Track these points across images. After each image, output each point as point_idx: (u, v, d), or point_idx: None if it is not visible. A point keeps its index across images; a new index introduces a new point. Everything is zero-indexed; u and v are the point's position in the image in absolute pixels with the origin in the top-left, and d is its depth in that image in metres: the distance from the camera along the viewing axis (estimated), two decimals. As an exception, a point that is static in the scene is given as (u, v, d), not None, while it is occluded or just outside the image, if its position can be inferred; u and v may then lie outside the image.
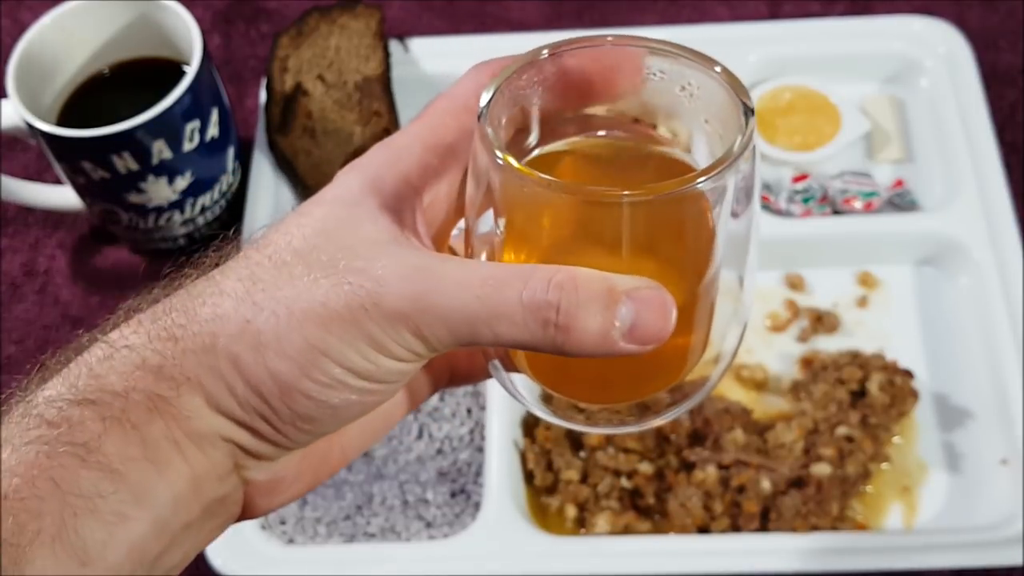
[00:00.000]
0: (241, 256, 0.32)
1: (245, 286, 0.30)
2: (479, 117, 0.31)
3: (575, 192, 0.30)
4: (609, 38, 0.33)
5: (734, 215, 0.32)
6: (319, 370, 0.30)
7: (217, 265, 0.32)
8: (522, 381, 0.36)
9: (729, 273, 0.34)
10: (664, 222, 0.31)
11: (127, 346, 0.30)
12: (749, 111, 0.32)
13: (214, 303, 0.31)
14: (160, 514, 0.30)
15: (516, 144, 0.34)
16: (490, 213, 0.32)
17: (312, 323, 0.30)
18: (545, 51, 0.32)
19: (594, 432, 0.61)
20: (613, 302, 0.29)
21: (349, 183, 0.33)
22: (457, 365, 0.38)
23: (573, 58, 0.33)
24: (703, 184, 0.30)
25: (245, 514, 0.34)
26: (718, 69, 0.32)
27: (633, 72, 0.33)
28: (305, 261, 0.30)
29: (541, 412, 0.36)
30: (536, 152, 0.34)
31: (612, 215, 0.30)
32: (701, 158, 0.34)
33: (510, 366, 0.36)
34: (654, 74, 0.33)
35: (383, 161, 0.33)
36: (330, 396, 0.30)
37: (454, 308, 0.30)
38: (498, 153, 0.30)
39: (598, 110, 0.34)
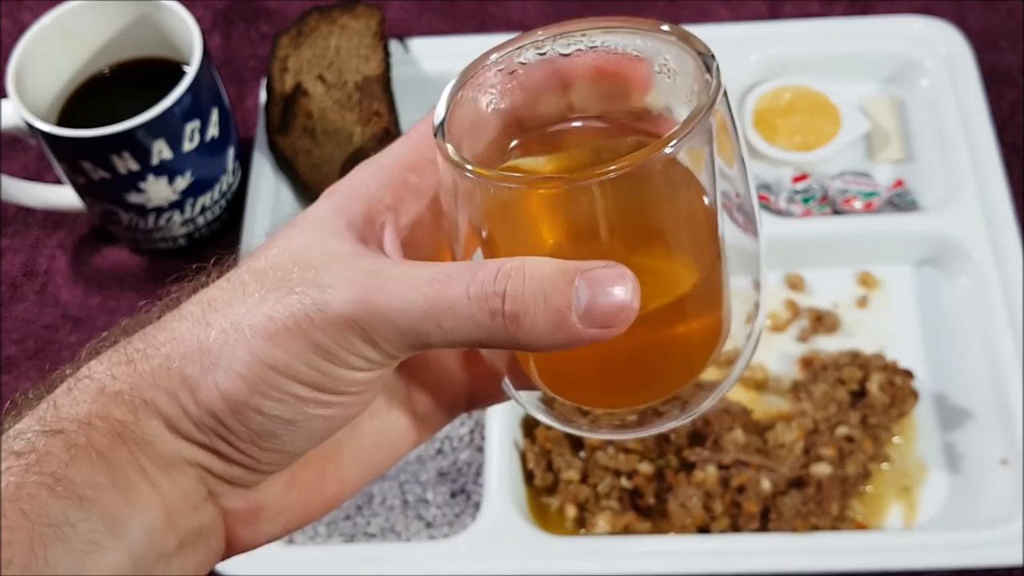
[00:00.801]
0: (209, 282, 0.32)
1: (202, 308, 0.30)
2: (435, 133, 0.30)
3: (537, 183, 0.28)
4: (539, 33, 0.32)
5: (730, 214, 0.31)
6: (268, 384, 0.29)
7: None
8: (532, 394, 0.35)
9: (739, 270, 0.33)
10: (648, 201, 0.29)
11: (88, 376, 0.30)
12: (709, 57, 0.30)
13: (172, 327, 0.30)
14: (134, 545, 0.29)
15: (493, 153, 0.33)
16: (466, 228, 0.31)
17: (259, 337, 0.29)
18: (494, 55, 0.32)
19: (600, 437, 0.60)
20: (565, 285, 0.28)
21: (323, 204, 0.32)
22: (475, 389, 0.37)
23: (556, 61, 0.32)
24: (676, 145, 0.27)
25: (231, 548, 0.33)
26: (666, 28, 0.31)
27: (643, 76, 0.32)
28: (260, 279, 0.30)
29: (553, 422, 0.35)
30: (512, 160, 0.33)
31: (586, 200, 0.28)
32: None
33: (521, 383, 0.34)
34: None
35: (358, 182, 0.33)
36: (284, 411, 0.30)
37: (401, 308, 0.29)
38: (455, 157, 0.29)
39: (578, 102, 0.33)
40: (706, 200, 0.30)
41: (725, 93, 0.29)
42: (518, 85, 0.32)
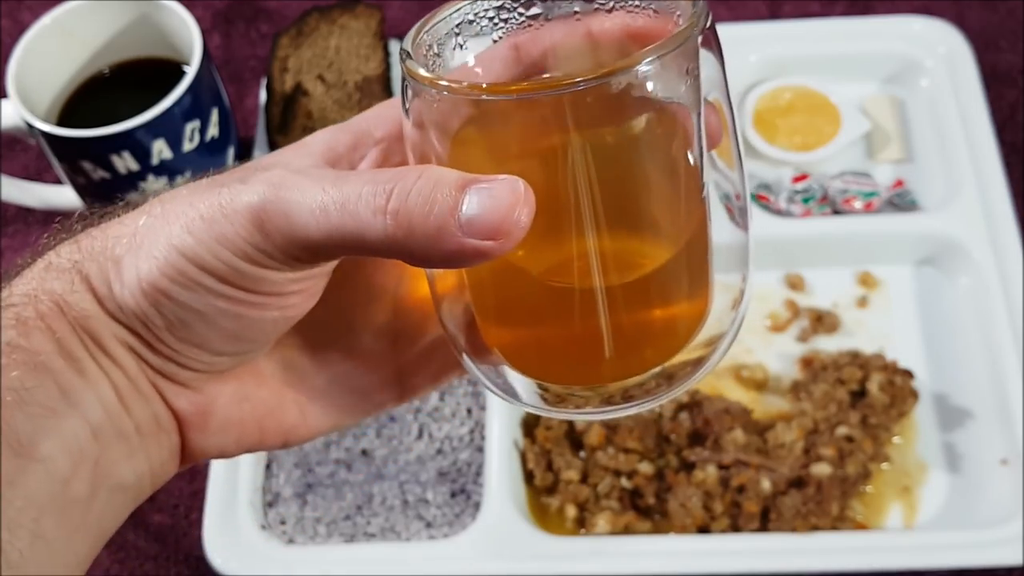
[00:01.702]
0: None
1: (153, 200, 0.31)
2: (400, 56, 0.30)
3: (494, 91, 0.26)
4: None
5: (728, 211, 0.30)
6: (175, 269, 0.29)
7: None
8: (515, 378, 0.34)
9: (723, 255, 0.31)
10: (623, 137, 0.27)
11: (40, 256, 0.31)
12: None
13: (124, 215, 0.31)
14: (90, 415, 0.30)
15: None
16: (426, 149, 0.30)
17: (177, 224, 0.29)
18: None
19: (566, 417, 0.55)
20: (456, 191, 0.27)
21: (319, 131, 0.34)
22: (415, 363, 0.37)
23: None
24: (651, 64, 0.25)
25: (186, 453, 0.33)
26: None
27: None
28: (212, 178, 0.31)
29: (532, 407, 0.34)
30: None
31: (553, 120, 0.26)
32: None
33: (480, 354, 0.33)
34: None
35: (361, 117, 0.34)
36: (191, 299, 0.30)
37: (297, 200, 0.28)
38: (411, 67, 0.28)
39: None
40: (690, 155, 0.29)
41: (723, 64, 0.28)
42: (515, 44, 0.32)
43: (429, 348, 0.37)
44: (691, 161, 0.29)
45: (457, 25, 0.31)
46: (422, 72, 0.28)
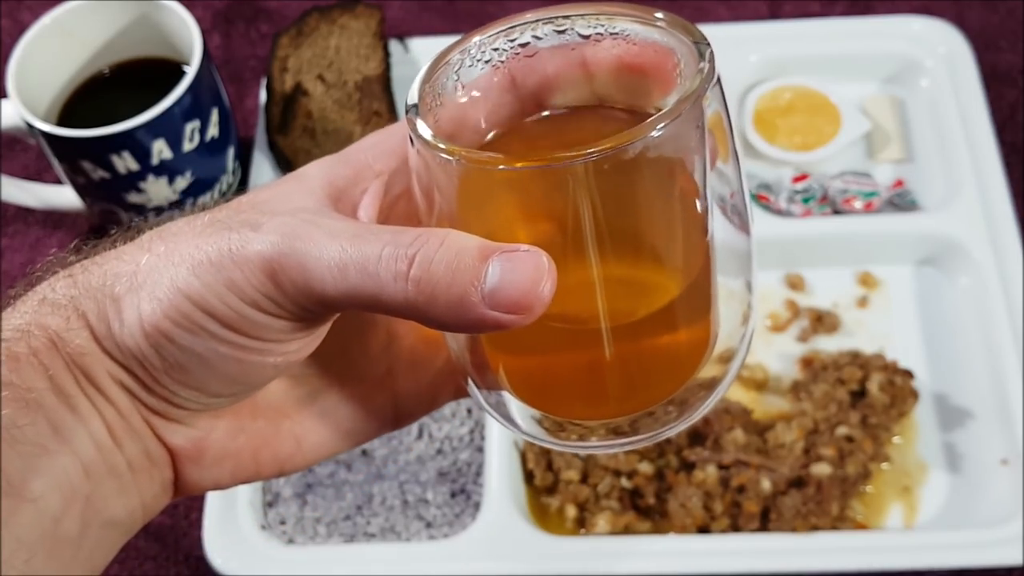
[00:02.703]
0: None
1: (152, 235, 0.31)
2: (407, 111, 0.29)
3: (505, 162, 0.26)
4: (528, 15, 0.30)
5: (723, 213, 0.30)
6: (179, 312, 0.29)
7: None
8: (514, 404, 0.33)
9: (729, 270, 0.31)
10: (633, 193, 0.28)
11: (33, 288, 0.31)
12: (703, 44, 0.28)
13: (121, 249, 0.31)
14: (82, 453, 0.29)
15: (468, 136, 0.32)
16: (436, 210, 0.30)
17: (183, 266, 0.29)
18: (478, 36, 0.31)
19: (584, 451, 0.54)
20: (479, 261, 0.26)
21: (314, 163, 0.33)
22: (460, 387, 0.36)
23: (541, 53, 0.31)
24: (663, 129, 0.26)
25: (180, 486, 0.33)
26: (659, 15, 0.29)
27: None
28: (213, 216, 0.30)
29: (529, 434, 0.33)
30: (490, 136, 0.32)
31: (562, 186, 0.26)
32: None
33: (487, 382, 0.33)
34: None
35: (358, 147, 0.33)
36: (195, 344, 0.29)
37: (315, 255, 0.28)
38: (420, 129, 0.28)
39: (558, 95, 0.32)
40: (697, 201, 0.29)
41: (720, 83, 0.28)
42: (511, 71, 0.31)
43: (425, 374, 0.37)
44: (697, 206, 0.29)
45: (456, 71, 0.31)
46: (440, 143, 0.28)
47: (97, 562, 0.31)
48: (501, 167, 0.27)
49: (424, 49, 0.82)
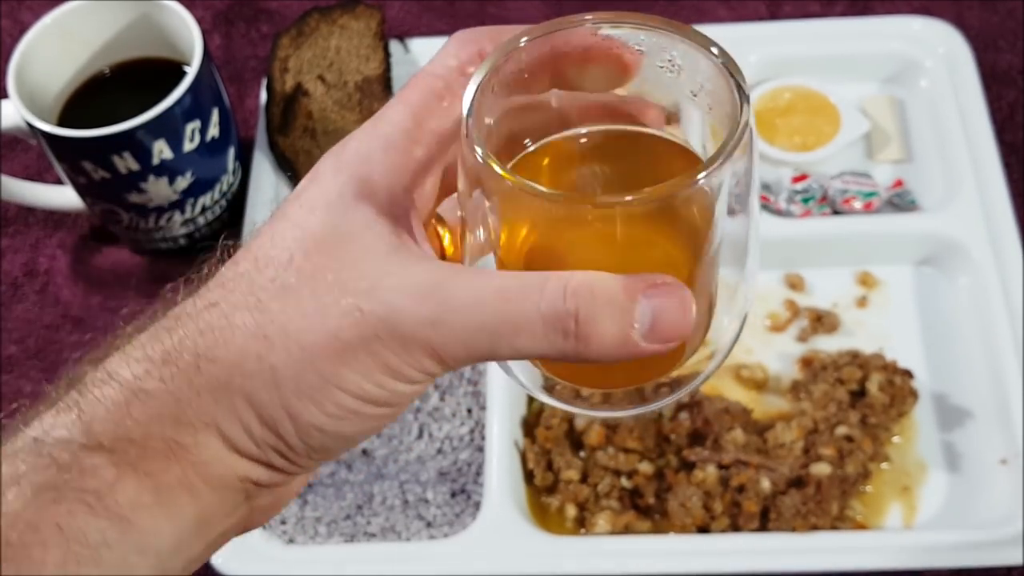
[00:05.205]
0: (242, 276, 0.30)
1: (255, 318, 0.29)
2: (466, 116, 0.30)
3: (564, 201, 0.29)
4: (588, 17, 0.31)
5: (731, 212, 0.31)
6: (334, 404, 0.29)
7: (221, 285, 0.31)
8: (519, 365, 0.35)
9: (728, 264, 0.33)
10: (657, 220, 0.30)
11: (143, 390, 0.29)
12: (744, 98, 0.30)
13: (225, 340, 0.29)
14: (162, 557, 0.29)
15: (509, 138, 0.33)
16: (482, 209, 0.31)
17: (326, 358, 0.29)
18: (525, 37, 0.31)
19: (590, 415, 0.58)
20: (629, 303, 0.29)
21: (337, 184, 0.31)
22: None
23: (564, 43, 0.32)
24: (698, 183, 0.28)
25: (241, 532, 0.33)
26: (715, 50, 0.31)
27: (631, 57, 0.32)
28: (311, 285, 0.29)
29: (540, 396, 0.36)
30: (530, 146, 0.33)
31: (604, 217, 0.29)
32: (692, 133, 0.33)
33: None
34: (641, 49, 0.32)
35: (368, 156, 0.31)
36: (344, 427, 0.30)
37: (472, 327, 0.29)
38: (481, 156, 0.29)
39: (588, 95, 0.34)
40: (706, 207, 0.31)
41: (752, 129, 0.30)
42: (537, 70, 0.32)
43: None
44: (712, 224, 0.31)
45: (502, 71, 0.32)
46: (510, 177, 0.29)
47: None
48: (561, 207, 0.29)
49: (424, 49, 0.82)
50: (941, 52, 0.78)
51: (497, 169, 0.29)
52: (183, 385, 0.29)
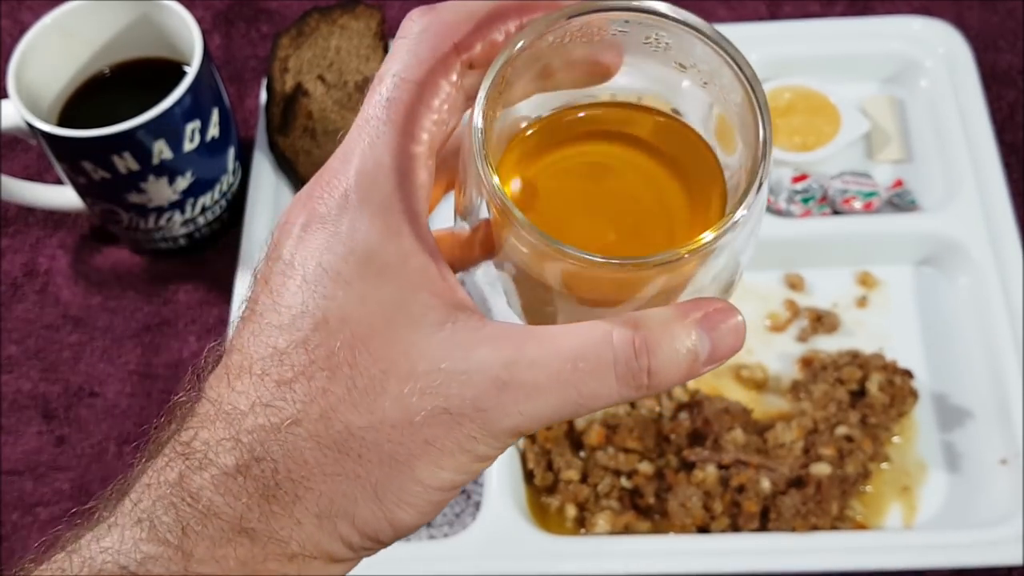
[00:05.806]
0: (301, 375, 0.29)
1: (326, 428, 0.29)
2: (474, 139, 0.29)
3: (568, 257, 0.29)
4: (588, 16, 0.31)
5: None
6: (430, 503, 0.30)
7: (282, 396, 0.29)
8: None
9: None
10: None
11: (216, 515, 0.28)
12: (765, 112, 0.31)
13: (300, 451, 0.29)
14: None
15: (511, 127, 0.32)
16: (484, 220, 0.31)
17: (425, 466, 0.29)
18: (522, 41, 0.30)
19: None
20: (686, 335, 0.30)
21: (354, 230, 0.29)
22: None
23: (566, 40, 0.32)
24: (714, 241, 0.29)
25: None
26: (745, 64, 0.32)
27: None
28: (376, 386, 0.29)
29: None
30: (528, 130, 0.33)
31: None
32: (692, 111, 0.34)
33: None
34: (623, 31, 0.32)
35: (374, 166, 0.30)
36: (432, 514, 0.31)
37: (556, 406, 0.29)
38: (494, 185, 0.29)
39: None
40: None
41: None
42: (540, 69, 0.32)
43: None
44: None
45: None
46: (515, 211, 0.29)
47: None
48: (581, 266, 0.29)
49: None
50: (941, 52, 0.78)
51: (516, 212, 0.29)
52: (268, 512, 0.29)
